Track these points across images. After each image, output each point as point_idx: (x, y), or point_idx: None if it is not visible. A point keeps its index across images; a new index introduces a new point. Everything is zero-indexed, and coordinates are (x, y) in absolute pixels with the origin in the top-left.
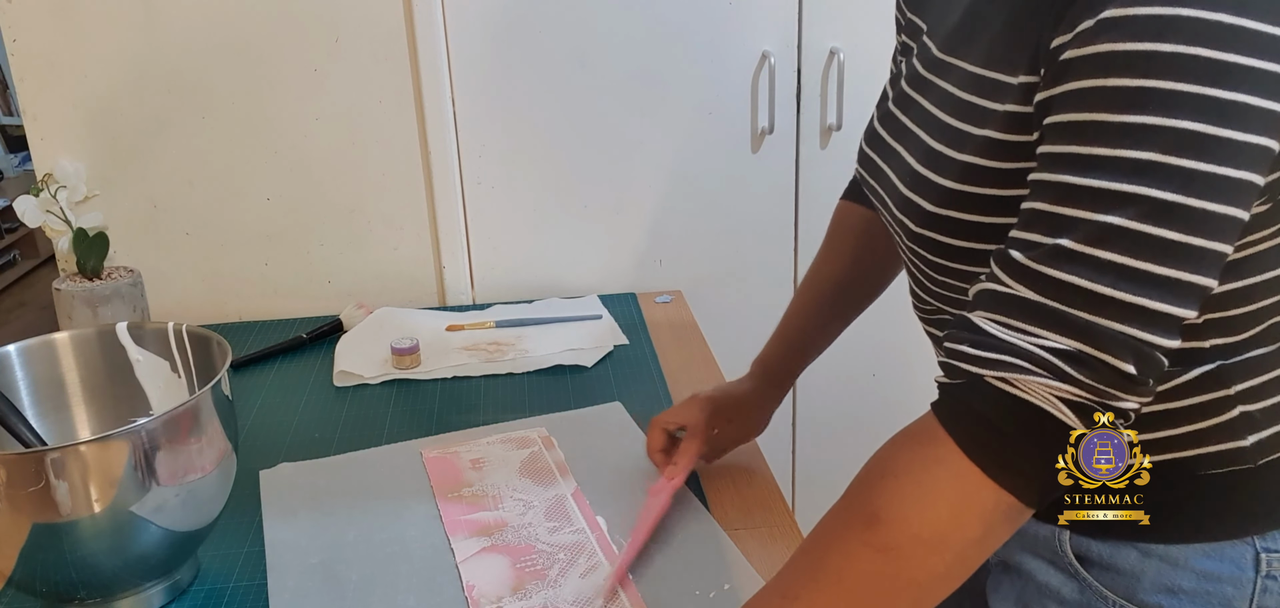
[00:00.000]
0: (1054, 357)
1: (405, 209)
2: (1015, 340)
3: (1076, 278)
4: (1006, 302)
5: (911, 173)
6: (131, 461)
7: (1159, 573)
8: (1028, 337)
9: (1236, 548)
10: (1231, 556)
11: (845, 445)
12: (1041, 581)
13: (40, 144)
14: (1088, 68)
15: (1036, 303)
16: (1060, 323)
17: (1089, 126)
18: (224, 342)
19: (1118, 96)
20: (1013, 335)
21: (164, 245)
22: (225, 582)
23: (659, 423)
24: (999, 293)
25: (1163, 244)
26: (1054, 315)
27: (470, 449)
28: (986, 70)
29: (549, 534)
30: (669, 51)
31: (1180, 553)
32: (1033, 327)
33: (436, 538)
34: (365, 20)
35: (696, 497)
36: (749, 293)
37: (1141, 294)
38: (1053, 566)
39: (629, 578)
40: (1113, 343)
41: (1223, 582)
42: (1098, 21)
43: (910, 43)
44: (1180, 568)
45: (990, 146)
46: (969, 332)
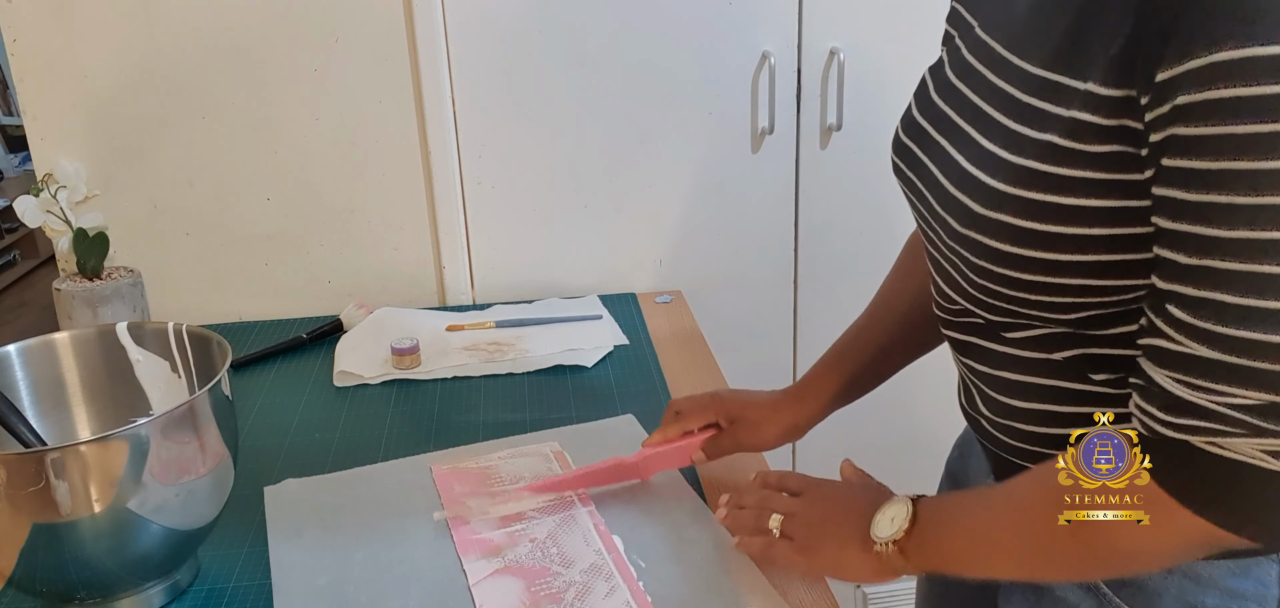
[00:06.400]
0: (1247, 415)
1: (405, 209)
2: (1207, 404)
3: (1247, 332)
4: (1187, 362)
5: (959, 171)
6: (131, 461)
7: (1182, 590)
8: (1218, 397)
9: (1262, 566)
10: (1257, 574)
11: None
12: (1058, 594)
13: (40, 144)
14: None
15: (1216, 361)
16: (1246, 379)
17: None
18: (224, 342)
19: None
20: (1202, 397)
21: (164, 245)
22: (225, 582)
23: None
24: (1177, 353)
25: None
26: (1237, 372)
27: (481, 464)
28: (1050, 73)
29: (564, 555)
30: (669, 51)
31: (1205, 570)
32: (1220, 386)
33: (447, 558)
34: (365, 20)
35: (700, 496)
36: (749, 293)
37: None
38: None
39: (642, 591)
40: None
41: (1247, 600)
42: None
43: (952, 31)
44: (1204, 586)
45: (1050, 152)
46: (1158, 395)
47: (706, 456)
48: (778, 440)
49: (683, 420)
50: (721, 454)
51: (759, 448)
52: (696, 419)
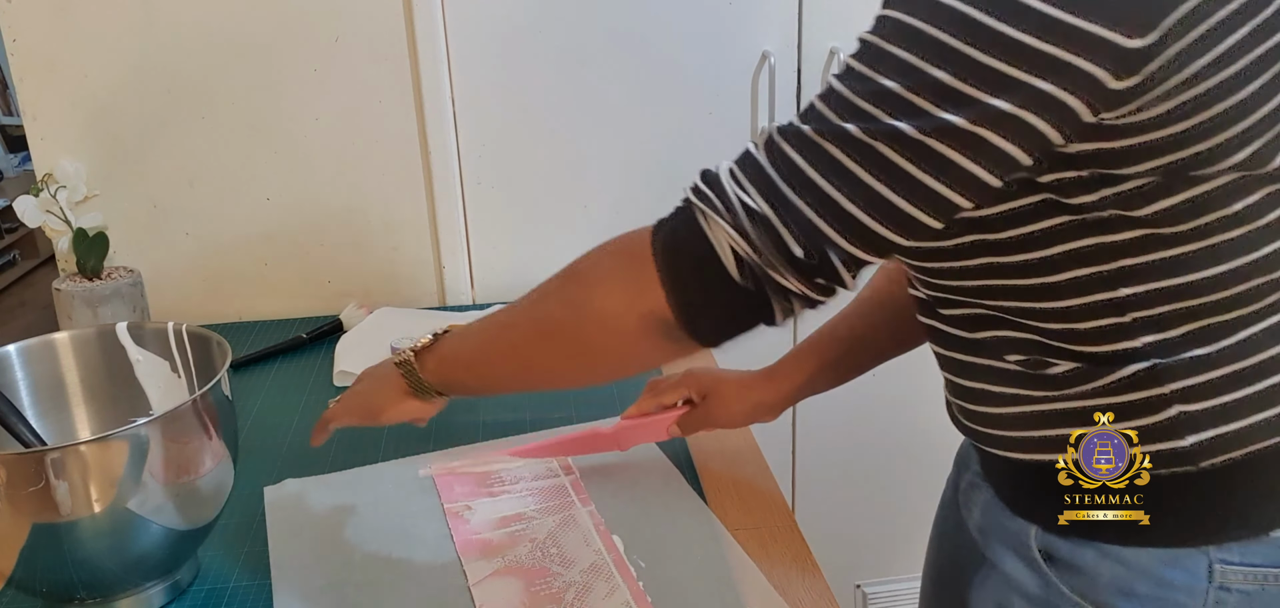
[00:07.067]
0: (744, 211)
1: (405, 209)
2: (728, 188)
3: (797, 157)
4: (745, 159)
5: None
6: (131, 461)
7: (1114, 575)
8: (739, 189)
9: (1192, 557)
10: (1186, 564)
11: (845, 445)
12: (1012, 574)
13: (40, 144)
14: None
15: (760, 165)
16: (766, 188)
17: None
18: (224, 342)
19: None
20: (730, 184)
21: (164, 245)
22: (225, 582)
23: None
24: (749, 153)
25: (883, 160)
26: (765, 181)
27: (481, 465)
28: None
29: (564, 555)
30: (669, 51)
31: (1135, 557)
32: (749, 183)
33: (447, 559)
34: (365, 20)
35: (700, 496)
36: None
37: (845, 193)
38: (1021, 560)
39: (641, 591)
40: (795, 221)
41: (1176, 590)
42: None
43: None
44: (1135, 573)
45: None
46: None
47: (681, 430)
48: (746, 418)
49: (659, 395)
50: (695, 429)
51: (728, 424)
52: (672, 394)
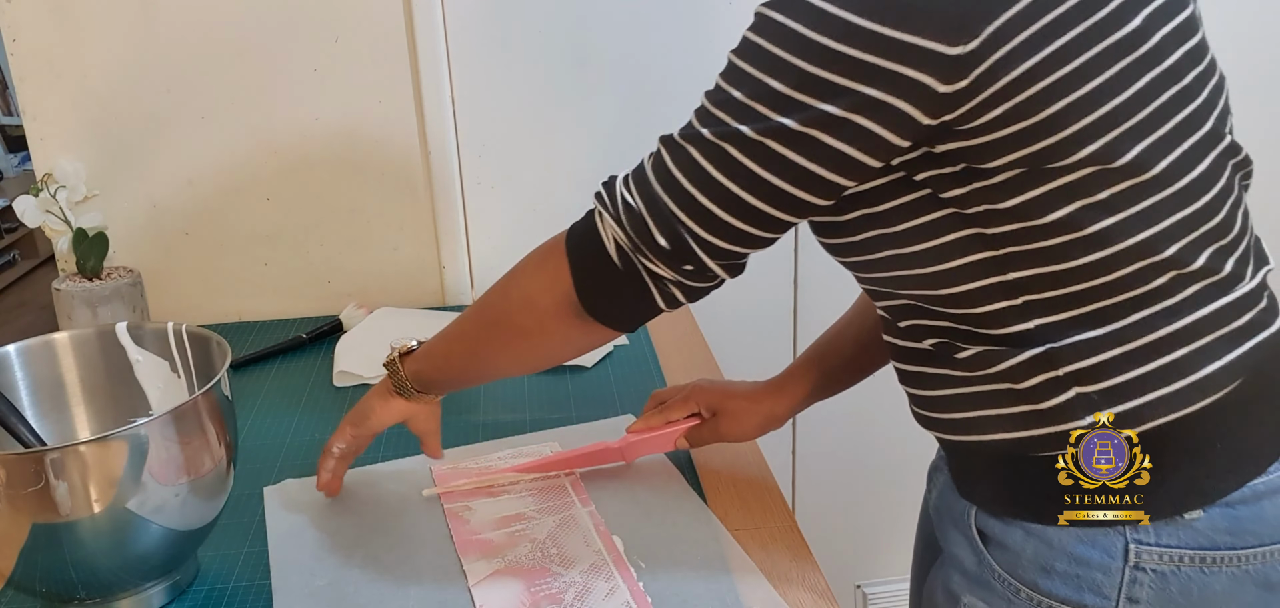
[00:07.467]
0: (624, 208)
1: (405, 209)
2: (618, 189)
3: (668, 158)
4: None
5: None
6: (131, 461)
7: (1036, 553)
8: (626, 190)
9: (1107, 536)
10: (1102, 543)
11: (845, 445)
12: (955, 552)
13: (40, 144)
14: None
15: (644, 167)
16: (642, 186)
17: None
18: (224, 342)
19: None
20: (621, 186)
21: (164, 245)
22: (225, 582)
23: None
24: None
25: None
26: (642, 180)
27: (480, 465)
28: None
29: (564, 556)
30: (669, 51)
31: (1055, 535)
32: (633, 183)
33: (447, 559)
34: (365, 20)
35: (699, 496)
36: (749, 293)
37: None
38: (963, 538)
39: (641, 591)
40: (660, 216)
41: (1093, 568)
42: None
43: None
44: (1054, 550)
45: None
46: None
47: (689, 444)
48: (758, 431)
49: (665, 410)
50: (703, 443)
51: (740, 438)
52: (679, 409)
